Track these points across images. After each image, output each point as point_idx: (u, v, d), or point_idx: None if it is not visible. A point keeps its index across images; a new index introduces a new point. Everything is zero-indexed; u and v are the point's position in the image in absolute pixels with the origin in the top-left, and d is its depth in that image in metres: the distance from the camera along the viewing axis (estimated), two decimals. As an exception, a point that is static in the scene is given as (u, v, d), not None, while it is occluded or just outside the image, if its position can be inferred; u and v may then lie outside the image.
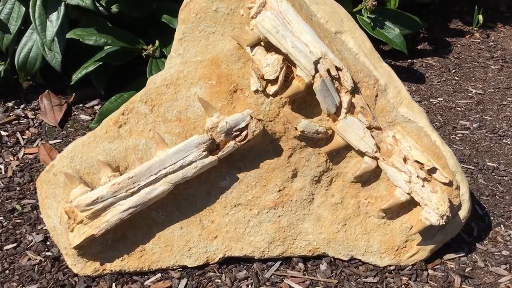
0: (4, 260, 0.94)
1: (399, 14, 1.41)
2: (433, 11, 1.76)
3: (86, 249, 0.89)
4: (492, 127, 1.23)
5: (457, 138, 1.19)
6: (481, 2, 1.80)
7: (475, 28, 1.64)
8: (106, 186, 0.85)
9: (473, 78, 1.41)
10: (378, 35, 1.33)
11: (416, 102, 1.29)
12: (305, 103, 0.88)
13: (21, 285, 0.89)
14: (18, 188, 1.09)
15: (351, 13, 1.35)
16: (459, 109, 1.29)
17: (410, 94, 1.35)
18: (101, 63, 1.22)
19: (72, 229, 0.87)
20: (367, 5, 1.30)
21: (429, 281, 0.89)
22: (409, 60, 1.49)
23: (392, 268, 0.92)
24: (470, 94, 1.35)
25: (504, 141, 1.18)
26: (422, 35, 1.62)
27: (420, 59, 1.50)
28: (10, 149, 1.19)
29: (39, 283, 0.90)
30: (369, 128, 0.88)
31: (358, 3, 1.35)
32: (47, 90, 1.33)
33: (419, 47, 1.56)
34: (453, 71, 1.44)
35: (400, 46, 1.32)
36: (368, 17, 1.34)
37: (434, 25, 1.68)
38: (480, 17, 1.60)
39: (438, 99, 1.33)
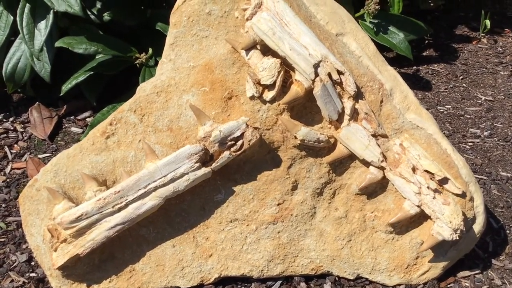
0: (-15, 282, 0.89)
1: (403, 19, 1.36)
2: (438, 17, 1.72)
3: (72, 269, 0.84)
4: (504, 135, 1.17)
5: (467, 146, 1.13)
6: (487, 7, 1.77)
7: (482, 34, 1.59)
8: (91, 201, 0.79)
9: (481, 85, 1.36)
10: (382, 40, 1.28)
11: (423, 109, 1.24)
12: (305, 109, 0.83)
13: (2, 310, 0.84)
14: (3, 205, 1.04)
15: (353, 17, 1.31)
16: (468, 116, 1.24)
17: (417, 101, 1.30)
18: (92, 73, 1.18)
19: (56, 249, 0.81)
20: (370, 9, 1.25)
21: (442, 301, 0.83)
22: (415, 67, 1.44)
23: (401, 287, 0.87)
24: (480, 101, 1.29)
25: (517, 149, 1.13)
26: (427, 41, 1.57)
27: (426, 65, 1.45)
28: (-3, 164, 1.14)
29: (21, 307, 0.84)
30: (374, 135, 0.82)
31: (360, 8, 1.31)
32: (37, 103, 1.29)
33: (424, 54, 1.51)
34: (461, 77, 1.39)
35: (405, 51, 1.27)
36: (370, 22, 1.29)
37: (440, 31, 1.64)
38: (488, 22, 1.55)
39: (446, 106, 1.27)
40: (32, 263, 0.92)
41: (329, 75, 0.80)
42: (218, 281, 0.87)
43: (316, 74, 0.79)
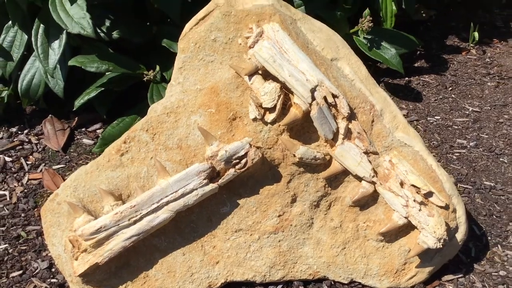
0: (10, 288, 0.96)
1: (395, 33, 1.43)
2: (430, 27, 1.78)
3: (91, 276, 0.91)
4: (489, 145, 1.24)
5: (454, 157, 1.21)
6: (477, 17, 1.83)
7: (471, 45, 1.66)
8: (109, 215, 0.86)
9: (469, 96, 1.43)
10: (375, 55, 1.35)
11: (413, 120, 1.31)
12: (303, 129, 0.90)
13: (27, 313, 0.91)
14: (22, 215, 1.10)
15: (348, 34, 1.38)
16: (456, 127, 1.31)
17: (408, 112, 1.37)
18: (103, 88, 1.24)
19: (77, 258, 0.88)
20: (364, 26, 1.32)
21: (428, 303, 0.91)
22: (406, 78, 1.51)
23: None
24: (467, 112, 1.36)
25: (501, 159, 1.20)
26: (419, 52, 1.64)
27: (417, 76, 1.52)
28: (14, 175, 1.20)
29: (44, 310, 0.91)
30: (366, 153, 0.89)
31: (354, 25, 1.37)
32: (50, 115, 1.35)
33: (416, 65, 1.58)
34: (450, 88, 1.46)
35: (397, 66, 1.34)
36: (364, 38, 1.36)
37: (431, 41, 1.70)
38: (476, 34, 1.62)
39: (435, 117, 1.35)
40: (53, 270, 0.99)
41: (325, 98, 0.87)
42: (224, 286, 0.93)
43: (313, 98, 0.86)
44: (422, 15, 1.80)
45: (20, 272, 0.98)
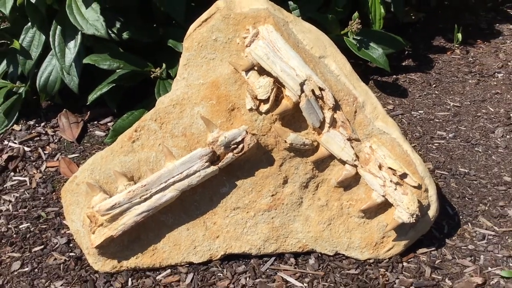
0: (33, 261, 1.07)
1: (383, 35, 1.54)
2: (419, 29, 1.89)
3: (105, 249, 1.02)
4: (466, 136, 1.36)
5: (433, 147, 1.32)
6: (464, 20, 1.93)
7: (456, 45, 1.77)
8: (122, 193, 0.98)
9: (451, 92, 1.54)
10: (363, 55, 1.46)
11: (399, 114, 1.43)
12: (293, 119, 1.01)
13: (49, 281, 1.02)
14: (42, 198, 1.21)
15: (339, 35, 1.49)
16: (437, 120, 1.42)
17: (394, 107, 1.48)
18: (114, 84, 1.36)
19: (94, 231, 1.00)
20: (353, 28, 1.43)
21: (403, 272, 1.02)
22: (394, 76, 1.62)
23: (371, 261, 1.04)
24: (448, 107, 1.48)
25: (476, 149, 1.31)
26: (407, 52, 1.75)
27: (404, 74, 1.63)
28: (33, 163, 1.32)
29: (64, 279, 1.03)
30: (349, 139, 1.01)
31: (346, 27, 1.49)
32: (64, 109, 1.45)
33: (403, 64, 1.69)
34: (434, 85, 1.58)
35: (383, 64, 1.46)
36: (354, 38, 1.47)
37: (419, 42, 1.80)
38: (459, 35, 1.73)
39: (419, 111, 1.46)
40: (71, 245, 1.09)
41: (313, 91, 0.98)
42: (223, 258, 1.04)
43: (302, 91, 0.97)
44: (411, 17, 1.90)
45: (42, 247, 1.09)
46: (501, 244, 1.07)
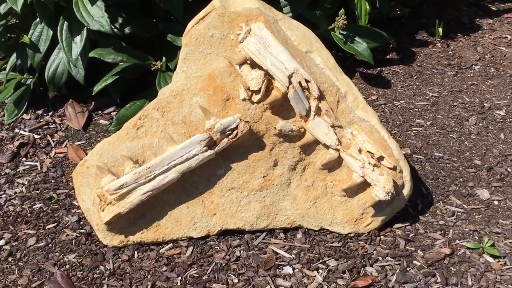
0: (47, 237, 1.17)
1: (368, 30, 1.64)
2: (404, 23, 1.99)
3: (114, 225, 1.12)
4: (442, 124, 1.47)
5: (412, 134, 1.44)
6: (447, 14, 2.03)
7: (438, 39, 1.88)
8: (129, 174, 1.09)
9: (431, 83, 1.66)
10: (349, 49, 1.57)
11: (381, 104, 1.54)
12: (282, 108, 1.11)
13: (62, 254, 1.13)
14: (53, 181, 1.31)
15: (327, 30, 1.60)
16: (416, 109, 1.54)
17: (377, 97, 1.59)
18: (117, 76, 1.46)
19: (103, 209, 1.11)
20: (339, 24, 1.54)
21: (380, 244, 1.13)
22: (378, 68, 1.72)
23: (352, 235, 1.15)
24: (427, 97, 1.59)
25: (450, 135, 1.43)
26: (391, 46, 1.85)
27: (388, 67, 1.74)
28: (43, 149, 1.42)
29: (76, 252, 1.13)
30: (333, 126, 1.11)
31: (333, 22, 1.59)
32: (70, 100, 1.55)
33: (388, 57, 1.79)
34: (415, 77, 1.69)
35: (368, 58, 1.56)
36: (340, 33, 1.58)
37: (403, 36, 1.90)
38: (440, 30, 1.84)
39: (400, 101, 1.57)
40: (81, 223, 1.19)
41: (300, 83, 1.08)
42: (220, 233, 1.14)
43: (290, 83, 1.07)
44: (397, 12, 2.00)
45: (54, 224, 1.19)
46: (468, 220, 1.19)
